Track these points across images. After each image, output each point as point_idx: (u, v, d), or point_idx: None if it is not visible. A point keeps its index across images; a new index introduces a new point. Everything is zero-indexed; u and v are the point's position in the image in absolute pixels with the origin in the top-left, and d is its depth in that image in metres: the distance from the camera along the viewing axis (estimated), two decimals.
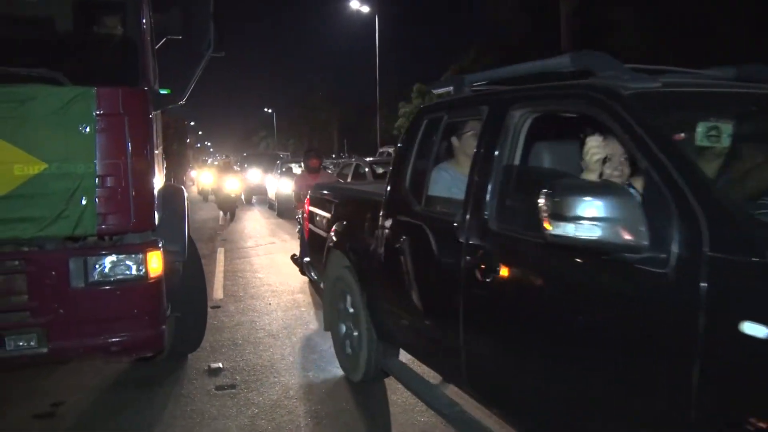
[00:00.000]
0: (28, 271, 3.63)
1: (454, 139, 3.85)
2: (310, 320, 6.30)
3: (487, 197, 2.89)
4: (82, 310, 3.72)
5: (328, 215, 5.05)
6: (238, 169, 23.99)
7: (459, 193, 3.30)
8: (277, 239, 12.66)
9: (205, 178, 23.79)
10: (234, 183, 16.68)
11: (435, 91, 3.95)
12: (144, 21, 3.95)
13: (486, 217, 2.87)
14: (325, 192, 5.42)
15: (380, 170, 12.72)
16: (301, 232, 7.36)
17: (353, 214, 4.62)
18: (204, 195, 24.11)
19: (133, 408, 4.19)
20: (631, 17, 20.36)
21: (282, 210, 17.18)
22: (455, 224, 3.05)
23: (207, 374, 4.77)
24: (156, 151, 4.26)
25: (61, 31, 4.07)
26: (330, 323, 4.86)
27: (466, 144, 3.71)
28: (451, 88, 3.72)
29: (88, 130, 3.57)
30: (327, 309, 4.91)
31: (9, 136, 3.44)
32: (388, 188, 3.94)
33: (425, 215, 3.50)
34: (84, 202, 3.59)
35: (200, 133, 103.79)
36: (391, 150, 21.66)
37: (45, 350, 3.65)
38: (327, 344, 5.47)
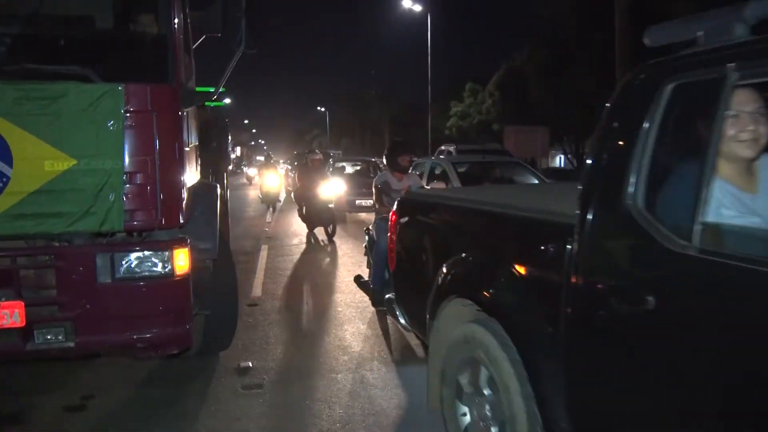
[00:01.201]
0: (57, 265, 3.67)
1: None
2: (345, 321, 6.24)
3: None
4: (109, 306, 3.74)
5: (438, 236, 3.74)
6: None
7: (738, 216, 2.10)
8: (321, 236, 12.65)
9: (271, 180, 17.49)
10: (331, 189, 12.64)
11: (653, 43, 2.37)
12: (175, 18, 3.94)
13: None
14: (435, 202, 3.99)
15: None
16: (375, 248, 5.92)
17: (496, 240, 3.12)
18: (269, 202, 17.54)
19: (160, 404, 4.20)
20: (688, 11, 19.68)
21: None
22: None
23: (236, 373, 4.75)
24: (187, 149, 4.26)
25: (92, 29, 4.09)
26: (440, 400, 3.30)
27: (733, 133, 2.14)
28: (701, 32, 2.15)
29: (116, 126, 3.57)
30: (434, 378, 3.35)
31: (40, 132, 3.47)
32: (588, 205, 2.35)
33: (725, 263, 1.83)
34: (111, 198, 3.59)
35: (254, 131, 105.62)
36: (452, 148, 19.80)
37: (72, 344, 3.69)
38: (359, 345, 5.41)
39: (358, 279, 6.81)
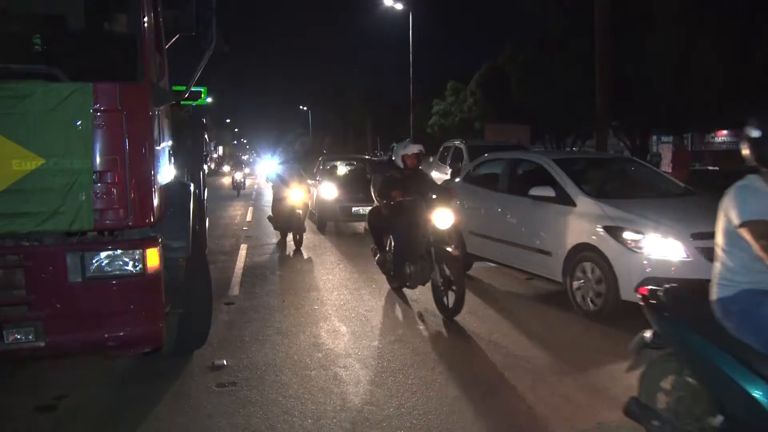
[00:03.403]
0: (26, 265, 3.66)
1: None
2: (321, 318, 6.27)
3: None
4: (80, 305, 3.73)
5: None
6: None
7: None
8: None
9: (297, 195, 10.90)
10: (449, 216, 6.39)
11: None
12: (145, 17, 3.94)
13: None
14: None
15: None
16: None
17: None
18: (280, 227, 11.56)
19: (132, 403, 4.21)
20: (669, 13, 19.87)
21: (324, 221, 13.28)
22: None
23: (210, 371, 4.76)
24: (159, 147, 4.26)
25: (60, 27, 4.07)
26: None
27: None
28: None
29: (85, 125, 3.57)
30: None
31: (7, 131, 3.46)
32: None
33: None
34: (81, 197, 3.59)
35: (236, 130, 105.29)
36: (462, 144, 15.28)
37: (42, 344, 3.68)
38: (333, 343, 5.45)
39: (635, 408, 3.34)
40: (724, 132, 36.87)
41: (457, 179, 9.36)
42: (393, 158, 7.27)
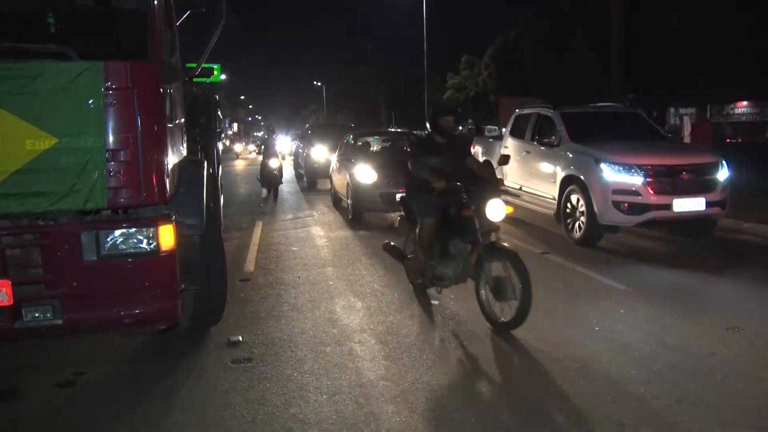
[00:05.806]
0: (42, 244, 3.69)
1: None
2: (336, 294, 6.29)
3: None
4: (95, 283, 3.76)
5: None
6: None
7: None
8: (316, 213, 12.66)
9: (499, 210, 4.96)
10: None
11: None
12: None
13: None
14: None
15: None
16: None
17: None
18: (444, 282, 5.53)
19: (150, 380, 4.26)
20: None
21: (360, 211, 10.85)
22: None
23: (226, 347, 4.81)
24: (171, 125, 4.26)
25: (70, 6, 4.07)
26: None
27: None
28: None
29: (97, 104, 3.57)
30: None
31: (20, 111, 3.47)
32: None
33: None
34: (94, 176, 3.60)
35: (250, 107, 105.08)
36: (546, 111, 9.89)
37: (60, 321, 3.72)
38: (348, 318, 5.47)
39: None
40: (744, 103, 36.25)
41: None
42: None
